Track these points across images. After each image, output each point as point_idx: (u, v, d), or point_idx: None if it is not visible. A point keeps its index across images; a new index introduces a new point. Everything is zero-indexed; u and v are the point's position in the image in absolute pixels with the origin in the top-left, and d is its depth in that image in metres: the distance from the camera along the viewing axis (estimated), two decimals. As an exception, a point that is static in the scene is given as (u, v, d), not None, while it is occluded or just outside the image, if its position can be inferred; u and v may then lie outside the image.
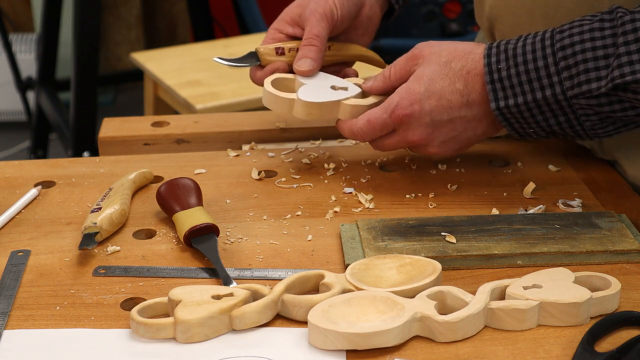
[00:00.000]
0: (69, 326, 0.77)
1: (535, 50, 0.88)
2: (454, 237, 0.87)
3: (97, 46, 2.51)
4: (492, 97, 0.90)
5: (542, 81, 0.87)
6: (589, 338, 0.73)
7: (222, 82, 2.15)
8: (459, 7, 3.03)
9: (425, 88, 0.92)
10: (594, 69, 0.85)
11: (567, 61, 0.86)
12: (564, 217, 0.92)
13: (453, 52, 0.92)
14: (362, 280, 0.80)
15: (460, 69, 0.91)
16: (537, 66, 0.87)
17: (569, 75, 0.86)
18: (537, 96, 0.88)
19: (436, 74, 0.92)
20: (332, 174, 1.05)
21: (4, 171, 1.06)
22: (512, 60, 0.89)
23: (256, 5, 3.09)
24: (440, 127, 0.93)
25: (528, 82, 0.88)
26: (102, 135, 1.17)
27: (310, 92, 0.99)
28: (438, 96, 0.91)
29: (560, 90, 0.86)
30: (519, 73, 0.88)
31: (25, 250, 0.89)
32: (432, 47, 0.94)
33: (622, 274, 0.84)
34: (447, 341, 0.74)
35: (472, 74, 0.91)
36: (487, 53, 0.91)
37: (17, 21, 3.62)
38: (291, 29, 1.06)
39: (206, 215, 0.90)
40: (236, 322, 0.76)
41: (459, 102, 0.91)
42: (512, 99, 0.89)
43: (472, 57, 0.91)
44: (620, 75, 0.83)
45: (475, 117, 0.93)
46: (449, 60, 0.92)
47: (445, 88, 0.91)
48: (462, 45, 0.93)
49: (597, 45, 0.85)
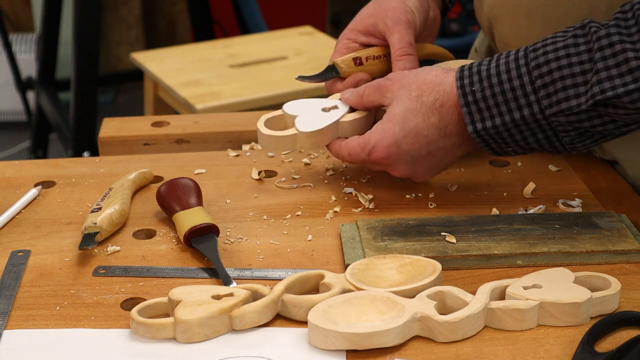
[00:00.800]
0: (69, 326, 0.77)
1: (509, 70, 0.87)
2: (454, 237, 0.87)
3: (97, 46, 2.52)
4: (469, 119, 0.88)
5: (519, 101, 0.86)
6: (589, 338, 0.73)
7: (222, 82, 2.15)
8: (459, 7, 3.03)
9: (399, 128, 0.91)
10: (572, 86, 0.83)
11: (543, 79, 0.85)
12: (564, 217, 0.92)
13: (422, 85, 0.91)
14: (362, 280, 0.80)
15: (433, 102, 0.90)
16: (513, 86, 0.86)
17: (546, 94, 0.85)
18: (514, 116, 0.86)
19: (409, 111, 0.91)
20: (332, 174, 1.05)
21: (4, 171, 1.06)
22: (486, 82, 0.87)
23: (256, 5, 3.09)
24: (421, 160, 0.93)
25: (505, 103, 0.87)
26: (102, 135, 1.17)
27: (307, 121, 0.97)
28: (414, 134, 0.91)
29: (538, 109, 0.85)
30: (494, 94, 0.87)
31: (25, 250, 0.89)
32: (401, 81, 0.92)
33: (622, 274, 0.84)
34: (447, 341, 0.74)
35: (446, 106, 0.90)
36: (459, 76, 0.89)
37: (17, 21, 3.62)
38: (365, 39, 1.06)
39: (206, 215, 0.90)
40: (236, 322, 0.76)
41: (436, 135, 0.91)
42: (489, 121, 0.88)
43: (442, 88, 0.90)
44: (601, 92, 0.81)
45: (454, 145, 0.92)
46: (419, 95, 0.90)
47: (419, 125, 0.90)
48: (430, 75, 0.91)
49: (573, 61, 0.84)
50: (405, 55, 1.02)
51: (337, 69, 1.05)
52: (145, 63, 2.30)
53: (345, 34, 1.08)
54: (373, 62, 1.05)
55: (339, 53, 1.07)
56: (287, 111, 0.99)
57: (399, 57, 1.02)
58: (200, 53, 2.38)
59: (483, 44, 1.26)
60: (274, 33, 2.56)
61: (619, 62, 0.81)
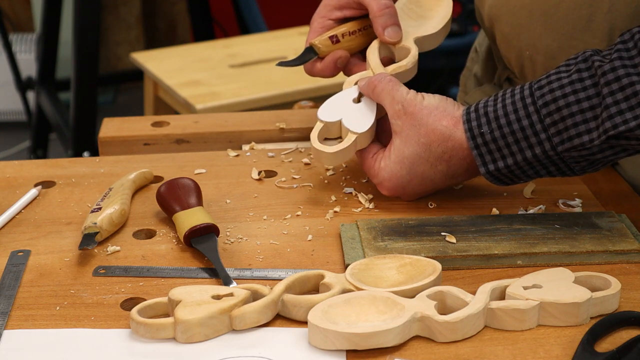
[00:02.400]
0: (69, 326, 0.77)
1: (517, 110, 0.87)
2: (454, 237, 0.87)
3: (97, 46, 2.51)
4: (480, 162, 0.89)
5: (530, 140, 0.86)
6: (589, 338, 0.73)
7: (222, 82, 2.15)
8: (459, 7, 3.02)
9: (407, 172, 0.93)
10: (582, 122, 0.84)
11: (552, 117, 0.85)
12: (564, 217, 0.92)
13: (431, 135, 0.91)
14: (362, 280, 0.80)
15: (442, 154, 0.91)
16: (522, 126, 0.86)
17: (556, 131, 0.85)
18: (526, 155, 0.87)
19: (416, 157, 0.92)
20: (332, 174, 1.05)
21: (4, 171, 1.06)
22: (494, 123, 0.88)
23: (256, 5, 3.09)
24: (426, 192, 0.97)
25: (515, 143, 0.87)
26: (102, 135, 1.17)
27: (356, 120, 0.97)
28: (420, 178, 0.93)
29: (549, 146, 0.86)
30: (504, 135, 0.87)
31: (25, 250, 0.89)
32: (413, 120, 0.92)
33: (622, 274, 0.84)
34: (447, 341, 0.74)
35: (454, 159, 0.91)
36: (467, 119, 0.90)
37: (17, 21, 3.62)
38: (340, 13, 1.05)
39: (206, 215, 0.90)
40: (236, 322, 0.76)
41: (442, 180, 0.94)
42: (501, 162, 0.88)
43: (452, 144, 0.90)
44: (613, 127, 0.82)
45: (460, 182, 0.99)
46: (428, 143, 0.91)
47: (426, 171, 0.93)
48: (440, 125, 0.90)
49: (580, 97, 0.84)
50: (384, 9, 1.01)
51: (316, 49, 1.04)
52: (145, 63, 2.30)
53: (318, 12, 1.07)
54: (350, 37, 1.05)
55: (315, 33, 1.06)
56: (328, 119, 0.98)
57: (379, 14, 1.01)
58: (200, 53, 2.38)
59: (483, 44, 1.26)
60: (274, 33, 2.56)
61: (627, 96, 0.81)
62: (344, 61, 1.04)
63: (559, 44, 0.98)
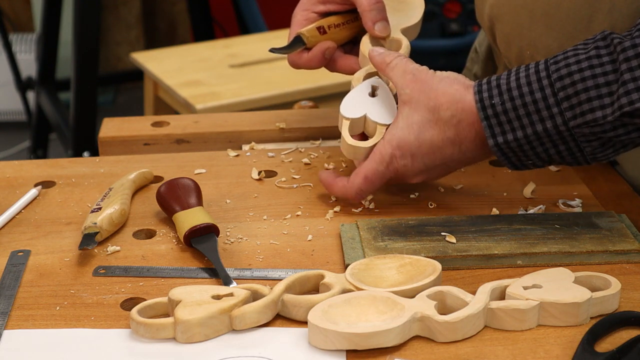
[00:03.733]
0: (69, 326, 0.77)
1: (530, 82, 0.86)
2: (454, 237, 0.87)
3: (97, 46, 2.51)
4: (489, 133, 0.88)
5: (542, 113, 0.85)
6: (589, 338, 0.73)
7: (222, 82, 2.15)
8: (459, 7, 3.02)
9: (415, 137, 0.91)
10: (596, 98, 0.82)
11: (566, 91, 0.84)
12: (564, 217, 0.92)
13: (441, 98, 0.90)
14: (362, 280, 0.80)
15: (450, 117, 0.89)
16: (535, 99, 0.85)
17: (569, 106, 0.84)
18: (537, 129, 0.86)
19: (425, 122, 0.90)
20: (332, 174, 1.04)
21: (4, 171, 1.06)
22: (506, 95, 0.87)
23: (256, 5, 3.09)
24: (434, 168, 0.93)
25: (526, 116, 0.86)
26: (102, 135, 1.17)
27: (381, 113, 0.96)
28: (429, 145, 0.91)
29: (561, 121, 0.84)
30: (515, 107, 0.86)
31: (25, 250, 0.89)
32: (423, 86, 0.91)
33: (622, 274, 0.84)
34: (447, 341, 0.74)
35: (463, 124, 0.89)
36: (478, 89, 0.89)
37: (17, 21, 3.62)
38: (323, 7, 1.05)
39: (206, 215, 0.90)
40: (236, 322, 0.76)
41: (450, 149, 0.91)
42: (510, 134, 0.87)
43: (461, 106, 0.89)
44: (629, 103, 0.80)
45: (468, 158, 0.93)
46: (437, 107, 0.90)
47: (435, 137, 0.90)
48: (451, 89, 0.90)
49: (596, 72, 0.83)
50: (374, 4, 1.01)
51: (304, 39, 1.04)
52: (145, 63, 2.30)
53: (301, 5, 1.07)
54: (335, 30, 1.05)
55: (298, 25, 1.06)
56: (354, 115, 0.97)
57: (368, 8, 1.01)
58: (200, 53, 2.38)
59: (483, 43, 1.26)
60: (274, 33, 2.56)
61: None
62: (331, 52, 1.04)
63: (559, 43, 0.98)
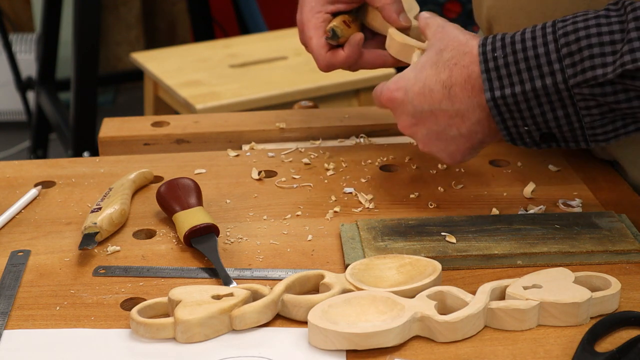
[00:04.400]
0: (69, 326, 0.77)
1: (535, 37, 0.84)
2: (454, 237, 0.87)
3: (97, 46, 2.51)
4: (487, 86, 0.86)
5: (542, 69, 0.83)
6: (589, 338, 0.73)
7: (222, 82, 2.15)
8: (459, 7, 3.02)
9: (414, 75, 0.90)
10: (599, 55, 0.80)
11: (569, 47, 0.82)
12: (564, 217, 0.92)
13: (450, 41, 0.89)
14: (362, 280, 0.80)
15: (450, 59, 0.88)
16: (537, 53, 0.84)
17: (571, 63, 0.82)
18: (536, 85, 0.84)
19: (427, 61, 0.90)
20: (332, 174, 1.05)
21: (4, 171, 1.06)
22: (509, 48, 0.85)
23: (256, 5, 3.09)
24: (423, 118, 0.91)
25: (527, 70, 0.84)
26: (102, 135, 1.17)
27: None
28: (422, 84, 0.89)
29: (561, 78, 0.83)
30: (517, 61, 0.84)
31: (25, 250, 0.89)
32: (442, 32, 0.91)
33: (622, 274, 0.84)
34: (447, 341, 0.74)
35: (458, 66, 0.88)
36: (482, 42, 0.87)
37: (17, 21, 3.62)
38: (332, 7, 1.05)
39: (206, 215, 0.90)
40: (236, 322, 0.76)
41: (440, 93, 0.89)
42: (508, 89, 0.85)
43: (462, 49, 0.88)
44: (632, 60, 0.78)
45: (457, 113, 0.89)
46: (443, 49, 0.89)
47: (430, 77, 0.89)
48: (461, 35, 0.90)
49: (603, 30, 0.81)
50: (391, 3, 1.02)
51: (338, 32, 1.03)
52: (145, 63, 2.30)
53: (312, 9, 1.06)
54: (353, 26, 1.05)
55: (315, 28, 1.05)
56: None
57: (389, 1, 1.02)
58: (200, 53, 2.38)
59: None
60: (274, 33, 2.56)
61: None
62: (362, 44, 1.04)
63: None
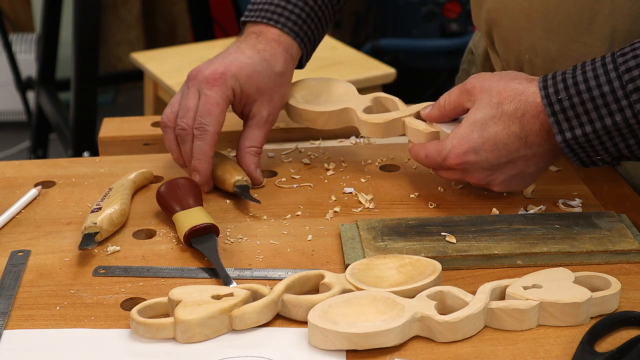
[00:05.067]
0: (69, 326, 0.77)
1: (597, 76, 0.84)
2: (454, 237, 0.87)
3: (97, 46, 2.51)
4: (557, 129, 0.86)
5: (610, 107, 0.84)
6: (589, 338, 0.73)
7: (222, 82, 2.15)
8: (459, 7, 3.02)
9: (478, 135, 0.89)
10: None
11: (635, 83, 0.82)
12: (564, 217, 0.92)
13: (503, 92, 0.89)
14: (362, 280, 0.80)
15: (514, 111, 0.88)
16: (603, 92, 0.84)
17: (638, 97, 0.82)
18: (606, 123, 0.84)
19: (488, 118, 0.89)
20: (332, 174, 1.05)
21: (4, 171, 1.06)
22: (573, 89, 0.85)
23: (256, 5, 3.09)
24: (501, 168, 0.91)
25: (595, 110, 0.84)
26: (102, 135, 1.17)
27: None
28: (493, 141, 0.89)
29: (631, 114, 0.83)
30: (583, 101, 0.85)
31: (25, 250, 0.89)
32: (483, 83, 0.90)
33: (622, 274, 0.84)
34: (447, 341, 0.74)
35: (527, 116, 0.88)
36: (543, 85, 0.87)
37: (17, 21, 3.62)
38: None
39: (206, 215, 0.90)
40: (236, 322, 0.76)
41: (516, 144, 0.89)
42: (578, 129, 0.85)
43: (525, 98, 0.88)
44: None
45: (536, 155, 0.90)
46: (500, 102, 0.88)
47: (499, 133, 0.88)
48: (512, 83, 0.89)
49: None
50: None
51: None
52: (145, 63, 2.30)
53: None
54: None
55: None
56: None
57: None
58: (200, 53, 2.37)
59: (479, 45, 1.25)
60: (273, 33, 2.55)
61: None
62: None
63: (559, 47, 0.98)
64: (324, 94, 1.07)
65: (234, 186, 0.97)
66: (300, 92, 1.07)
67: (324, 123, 1.04)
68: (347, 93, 1.06)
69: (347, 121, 1.04)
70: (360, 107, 1.02)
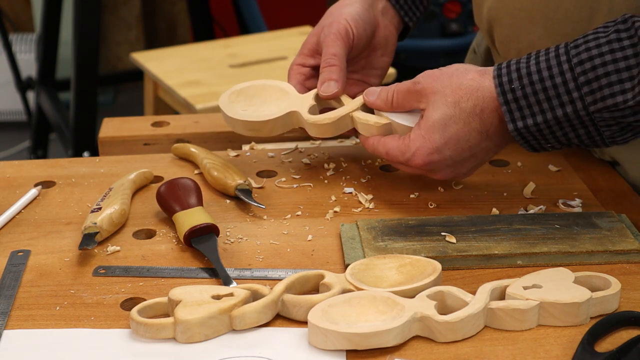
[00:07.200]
0: (69, 326, 0.77)
1: (550, 67, 0.85)
2: (454, 237, 0.87)
3: (97, 46, 2.51)
4: (509, 118, 0.87)
5: (562, 98, 0.85)
6: (589, 338, 0.73)
7: (222, 82, 2.15)
8: (459, 7, 3.02)
9: (440, 135, 0.89)
10: (617, 82, 0.82)
11: (586, 76, 0.83)
12: (564, 217, 0.92)
13: (458, 91, 0.89)
14: (362, 280, 0.80)
15: (473, 107, 0.88)
16: (555, 83, 0.85)
17: (589, 90, 0.83)
18: (557, 114, 0.85)
19: (447, 118, 0.89)
20: (332, 174, 1.05)
21: (4, 171, 1.06)
22: (526, 79, 0.86)
23: (256, 5, 3.09)
24: (463, 162, 0.92)
25: (546, 100, 0.85)
26: (102, 135, 1.17)
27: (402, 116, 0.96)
28: (455, 140, 0.89)
29: (581, 105, 0.84)
30: (535, 92, 0.86)
31: (25, 250, 0.89)
32: (434, 84, 0.91)
33: (622, 274, 0.84)
34: (447, 341, 0.74)
35: (486, 111, 0.88)
36: (497, 74, 0.88)
37: (17, 21, 3.62)
38: (313, 60, 1.05)
39: (206, 215, 0.90)
40: (236, 322, 0.76)
41: (478, 139, 0.90)
42: (530, 119, 0.87)
43: (481, 94, 0.88)
44: None
45: (496, 144, 0.91)
46: (457, 101, 0.89)
47: (460, 130, 0.89)
48: (465, 80, 0.89)
49: (617, 57, 0.82)
50: (326, 67, 1.01)
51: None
52: (145, 63, 2.30)
53: (295, 60, 1.07)
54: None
55: (293, 80, 1.05)
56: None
57: (321, 69, 1.01)
58: (200, 53, 2.38)
59: (481, 44, 1.26)
60: (274, 33, 2.56)
61: None
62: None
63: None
64: (261, 99, 1.03)
65: (236, 190, 0.97)
66: (238, 101, 1.02)
67: (270, 131, 1.00)
68: (285, 93, 1.02)
69: (293, 124, 1.01)
70: (305, 108, 0.99)
